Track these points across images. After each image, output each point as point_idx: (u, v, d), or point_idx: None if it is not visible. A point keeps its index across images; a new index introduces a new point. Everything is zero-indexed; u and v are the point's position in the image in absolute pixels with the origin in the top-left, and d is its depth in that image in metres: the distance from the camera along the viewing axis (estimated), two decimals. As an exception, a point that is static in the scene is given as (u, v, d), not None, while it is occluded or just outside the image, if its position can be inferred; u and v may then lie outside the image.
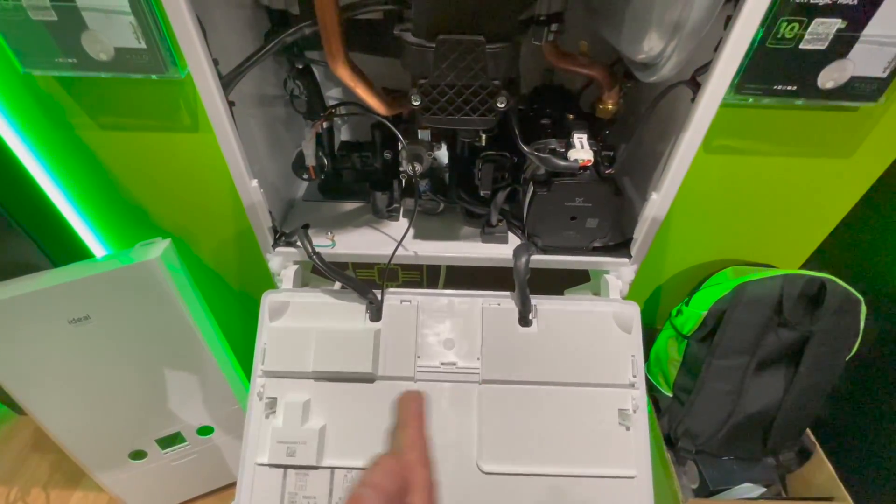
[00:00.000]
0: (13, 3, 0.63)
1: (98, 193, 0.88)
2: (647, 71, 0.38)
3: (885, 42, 0.64)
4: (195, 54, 0.38)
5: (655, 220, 0.49)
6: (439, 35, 0.37)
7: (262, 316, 0.52)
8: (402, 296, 0.53)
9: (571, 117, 0.54)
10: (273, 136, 0.58)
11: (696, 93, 0.40)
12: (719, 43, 0.37)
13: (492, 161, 0.53)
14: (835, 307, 0.81)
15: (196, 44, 0.37)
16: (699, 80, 0.40)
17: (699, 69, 0.40)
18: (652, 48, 0.36)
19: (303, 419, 0.49)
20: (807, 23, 0.63)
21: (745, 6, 0.34)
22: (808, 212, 0.89)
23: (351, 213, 0.62)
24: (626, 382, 0.50)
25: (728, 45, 0.36)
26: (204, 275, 1.02)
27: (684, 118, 0.41)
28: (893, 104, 0.73)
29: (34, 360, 0.89)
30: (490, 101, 0.41)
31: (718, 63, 0.37)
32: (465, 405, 0.50)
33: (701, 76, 0.40)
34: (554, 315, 0.52)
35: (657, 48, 0.36)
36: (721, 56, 0.37)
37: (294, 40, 0.43)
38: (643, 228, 0.50)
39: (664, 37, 0.35)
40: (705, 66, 0.39)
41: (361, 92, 0.43)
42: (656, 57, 0.36)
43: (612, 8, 0.40)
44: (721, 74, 0.37)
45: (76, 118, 0.78)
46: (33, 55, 0.68)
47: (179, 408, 1.05)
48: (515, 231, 0.58)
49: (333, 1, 0.37)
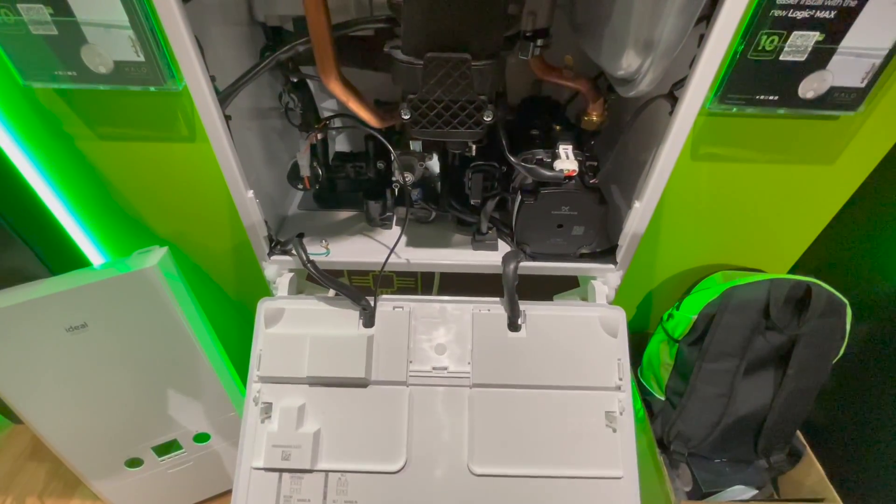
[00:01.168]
0: (14, 19, 0.65)
1: (96, 202, 0.89)
2: (627, 86, 0.40)
3: (862, 54, 0.66)
4: (193, 71, 0.39)
5: (639, 227, 0.51)
6: (427, 53, 0.39)
7: (257, 322, 0.53)
8: (395, 302, 0.55)
9: (558, 128, 0.56)
10: (269, 147, 0.60)
11: (673, 106, 0.42)
12: (694, 59, 0.39)
13: (481, 171, 0.55)
14: (820, 310, 0.82)
15: (193, 61, 0.39)
16: (676, 94, 0.42)
17: (676, 84, 0.42)
18: (630, 65, 0.38)
19: (297, 423, 0.50)
20: (786, 35, 0.65)
21: (716, 26, 0.36)
22: (795, 217, 0.91)
23: (345, 222, 0.64)
24: (612, 385, 0.51)
25: (701, 62, 0.38)
26: (201, 282, 1.03)
27: (664, 130, 0.43)
28: (873, 113, 0.75)
29: (31, 369, 0.90)
30: (477, 115, 0.43)
31: (693, 78, 0.39)
32: (457, 409, 0.51)
33: (678, 90, 0.42)
34: (542, 320, 0.53)
35: (634, 65, 0.38)
36: (696, 72, 0.39)
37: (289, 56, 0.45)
38: (627, 235, 0.51)
39: (640, 55, 0.37)
40: (681, 81, 0.41)
41: (354, 105, 0.45)
42: (634, 73, 0.38)
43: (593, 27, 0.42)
44: (696, 89, 0.39)
45: (75, 129, 0.79)
46: (33, 68, 0.69)
47: (176, 415, 1.06)
48: (505, 238, 0.60)
49: (326, 20, 0.38)
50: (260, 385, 0.52)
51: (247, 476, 0.50)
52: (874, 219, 0.84)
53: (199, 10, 0.41)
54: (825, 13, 0.63)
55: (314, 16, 0.38)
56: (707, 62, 0.38)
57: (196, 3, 0.40)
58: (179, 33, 0.37)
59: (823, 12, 0.63)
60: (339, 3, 0.48)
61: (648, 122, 0.50)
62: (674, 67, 0.42)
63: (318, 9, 0.38)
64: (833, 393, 0.95)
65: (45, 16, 0.64)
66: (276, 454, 0.49)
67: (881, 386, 0.85)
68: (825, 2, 0.62)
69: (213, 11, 0.44)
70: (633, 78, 0.39)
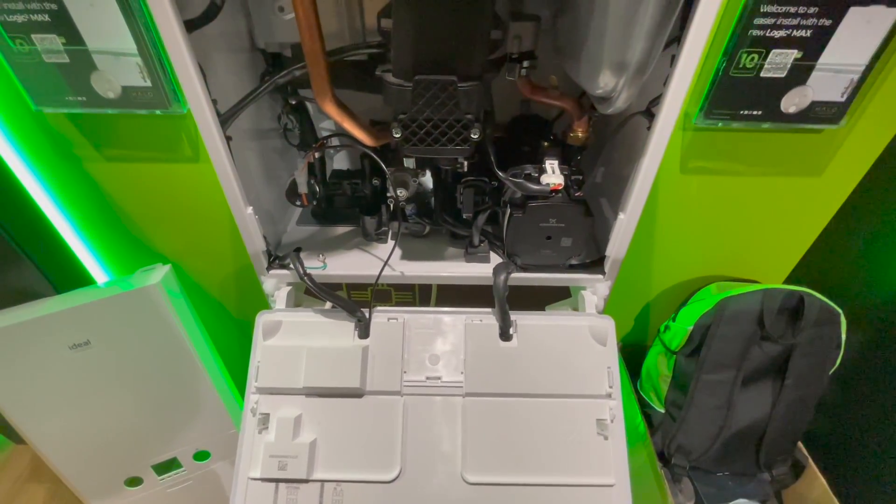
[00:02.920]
0: (29, 48, 0.69)
1: (102, 221, 0.92)
2: (605, 104, 0.43)
3: (841, 70, 0.69)
4: (196, 96, 0.42)
5: (624, 238, 0.53)
6: (416, 76, 0.42)
7: (255, 335, 0.55)
8: (390, 314, 0.56)
9: (546, 144, 0.58)
10: (269, 165, 0.63)
11: (651, 122, 0.44)
12: (667, 78, 0.42)
13: (472, 186, 0.58)
14: (814, 320, 0.83)
15: (196, 87, 0.42)
16: (653, 110, 0.44)
17: (652, 101, 0.44)
18: (606, 84, 0.40)
19: (294, 434, 0.52)
20: (765, 53, 0.68)
21: (685, 47, 0.39)
22: (786, 228, 0.93)
23: (342, 237, 0.66)
24: (603, 393, 0.52)
25: (674, 80, 0.41)
26: (202, 300, 1.06)
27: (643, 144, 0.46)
28: (856, 126, 0.78)
29: (34, 386, 0.91)
30: (464, 133, 0.45)
31: (667, 96, 0.41)
32: (450, 418, 0.53)
33: (654, 107, 0.44)
34: (533, 329, 0.55)
35: (610, 84, 0.40)
36: (669, 89, 0.41)
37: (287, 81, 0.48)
38: (614, 246, 0.53)
39: (615, 75, 0.39)
40: (657, 99, 0.43)
41: (348, 126, 0.48)
42: (611, 92, 0.41)
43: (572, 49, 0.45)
44: (670, 105, 0.42)
45: (83, 151, 0.82)
46: (45, 94, 0.73)
47: (176, 432, 1.07)
48: (497, 251, 0.62)
49: (320, 46, 0.41)
50: (258, 396, 0.53)
51: (244, 486, 0.51)
52: (866, 229, 0.86)
53: (202, 39, 0.44)
54: (801, 32, 0.66)
55: (309, 43, 0.41)
56: (679, 80, 0.40)
57: (200, 32, 0.43)
58: (183, 61, 0.40)
59: (800, 31, 0.66)
60: (334, 31, 0.51)
61: (630, 137, 0.52)
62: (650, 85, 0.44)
63: (313, 36, 0.41)
64: (833, 404, 0.95)
65: (58, 45, 0.68)
66: (273, 464, 0.50)
67: (880, 396, 0.86)
68: (801, 21, 0.65)
69: (217, 39, 0.48)
70: (610, 96, 0.41)
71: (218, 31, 0.47)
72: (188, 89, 0.41)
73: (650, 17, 0.35)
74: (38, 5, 0.64)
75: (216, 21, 0.46)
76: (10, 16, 0.65)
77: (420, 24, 0.39)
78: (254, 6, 0.51)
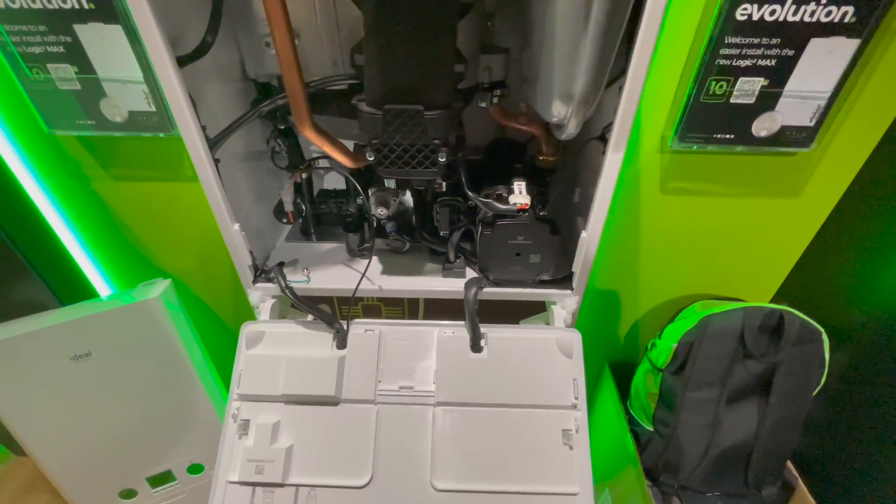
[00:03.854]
0: (44, 76, 0.75)
1: (106, 237, 0.97)
2: (559, 130, 0.47)
3: (807, 96, 0.73)
4: (185, 122, 0.47)
5: (588, 254, 0.56)
6: (386, 105, 0.46)
7: (240, 344, 0.59)
8: (367, 325, 0.60)
9: (519, 166, 0.62)
10: (259, 186, 0.67)
11: (604, 146, 0.48)
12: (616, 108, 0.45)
13: (448, 205, 0.62)
14: (794, 338, 0.85)
15: (186, 115, 0.46)
16: (607, 136, 0.48)
17: (605, 127, 0.48)
18: (558, 113, 0.44)
19: (272, 439, 0.55)
20: (733, 81, 0.72)
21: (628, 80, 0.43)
22: (768, 248, 0.95)
23: (327, 253, 0.70)
24: (568, 404, 0.55)
25: (621, 109, 0.44)
26: (200, 313, 1.10)
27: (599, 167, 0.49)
28: (829, 149, 0.81)
29: (36, 396, 0.95)
30: (433, 156, 0.50)
31: (616, 123, 0.45)
32: (421, 426, 0.55)
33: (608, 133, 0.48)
34: (502, 342, 0.58)
35: (561, 113, 0.44)
36: (617, 118, 0.45)
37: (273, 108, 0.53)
38: (579, 262, 0.56)
39: (564, 105, 0.43)
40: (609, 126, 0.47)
41: (328, 149, 0.52)
42: (562, 119, 0.45)
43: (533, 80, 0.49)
44: (619, 132, 0.45)
45: (91, 170, 0.88)
46: (58, 118, 0.79)
47: (171, 444, 1.09)
48: (472, 266, 0.65)
49: (299, 78, 0.46)
50: (239, 403, 0.57)
51: (222, 490, 0.53)
52: (847, 249, 0.88)
53: (195, 71, 0.49)
54: (766, 61, 0.70)
55: (288, 76, 0.45)
56: (626, 109, 0.44)
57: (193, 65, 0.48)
58: (175, 93, 0.44)
59: (764, 61, 0.70)
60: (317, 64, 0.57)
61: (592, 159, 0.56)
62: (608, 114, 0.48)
63: (292, 68, 0.45)
64: (821, 424, 0.95)
65: (71, 74, 0.74)
66: (251, 468, 0.53)
67: (866, 416, 0.86)
68: (765, 51, 0.69)
69: (209, 71, 0.53)
70: (562, 123, 0.45)
71: (210, 63, 0.52)
72: (179, 117, 0.46)
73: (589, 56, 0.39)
74: (55, 38, 0.71)
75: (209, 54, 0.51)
76: (28, 47, 0.72)
77: (388, 59, 0.43)
78: (244, 41, 0.57)
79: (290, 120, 0.63)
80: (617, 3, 0.37)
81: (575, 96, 0.41)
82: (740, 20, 0.66)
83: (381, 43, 0.42)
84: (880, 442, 0.83)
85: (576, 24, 0.38)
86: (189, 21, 0.49)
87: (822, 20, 0.65)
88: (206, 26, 0.50)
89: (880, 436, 0.83)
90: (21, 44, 0.71)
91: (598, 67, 0.39)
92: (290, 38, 0.43)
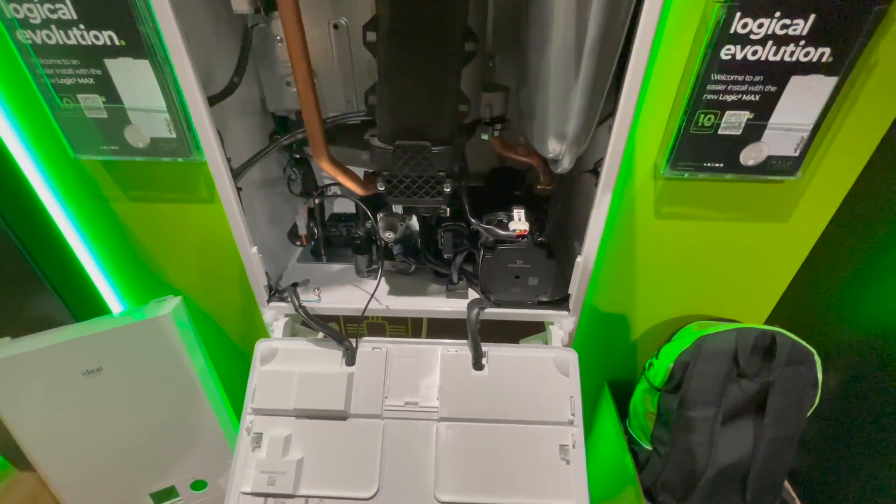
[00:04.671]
0: (73, 105, 0.81)
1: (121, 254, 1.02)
2: (555, 164, 0.51)
3: (791, 128, 0.78)
4: (213, 155, 0.52)
5: (584, 277, 0.60)
6: (396, 141, 0.51)
7: (254, 360, 0.62)
8: (374, 343, 0.64)
9: (518, 193, 0.67)
10: (274, 210, 0.72)
11: (597, 179, 0.53)
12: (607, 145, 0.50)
13: (452, 230, 0.66)
14: (786, 359, 0.88)
15: (215, 148, 0.51)
16: (599, 170, 0.53)
17: (598, 162, 0.53)
18: (553, 149, 0.49)
19: (284, 452, 0.58)
20: (720, 114, 0.77)
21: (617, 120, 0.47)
22: (759, 271, 0.99)
23: (337, 273, 0.74)
24: (565, 420, 0.58)
25: (611, 146, 0.49)
26: (209, 329, 1.14)
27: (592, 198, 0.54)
28: (815, 177, 0.85)
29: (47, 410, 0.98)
30: (438, 187, 0.54)
31: (607, 159, 0.50)
32: (425, 440, 0.58)
33: (600, 167, 0.53)
34: (503, 360, 0.61)
35: (557, 150, 0.49)
36: (608, 154, 0.50)
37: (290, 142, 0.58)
38: (575, 285, 0.61)
39: (559, 142, 0.48)
40: (601, 161, 0.52)
41: (341, 179, 0.57)
42: (557, 155, 0.49)
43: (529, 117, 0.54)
44: (609, 167, 0.50)
45: (110, 191, 0.93)
46: (84, 144, 0.84)
47: (176, 460, 1.11)
48: (474, 288, 0.69)
49: (318, 117, 0.51)
50: (253, 417, 0.60)
51: (236, 501, 0.56)
52: (836, 272, 0.92)
53: (222, 108, 0.54)
54: (751, 97, 0.75)
55: (309, 114, 0.50)
56: (615, 146, 0.49)
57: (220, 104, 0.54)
58: (205, 129, 0.49)
59: (749, 96, 0.75)
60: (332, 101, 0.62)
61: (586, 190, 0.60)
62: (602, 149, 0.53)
63: (312, 109, 0.50)
64: (816, 444, 0.97)
65: (99, 103, 0.80)
66: (263, 479, 0.56)
67: (860, 436, 0.89)
68: (749, 87, 0.75)
69: (234, 107, 0.58)
70: (557, 159, 0.50)
71: (236, 100, 0.57)
72: (208, 150, 0.51)
73: (580, 101, 0.44)
74: (86, 71, 0.77)
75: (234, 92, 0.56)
76: (61, 79, 0.77)
77: (398, 101, 0.48)
78: (266, 80, 0.62)
79: (304, 150, 0.68)
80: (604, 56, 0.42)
81: (569, 135, 0.46)
82: (725, 59, 0.71)
83: (393, 87, 0.47)
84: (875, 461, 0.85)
85: (567, 73, 0.43)
86: (218, 63, 0.55)
87: (801, 60, 0.71)
88: (233, 68, 0.55)
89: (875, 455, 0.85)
90: (54, 76, 0.77)
91: (589, 110, 0.44)
92: (311, 83, 0.48)
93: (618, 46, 0.41)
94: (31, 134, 0.86)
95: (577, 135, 0.46)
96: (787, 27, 0.68)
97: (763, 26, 0.68)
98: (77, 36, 0.73)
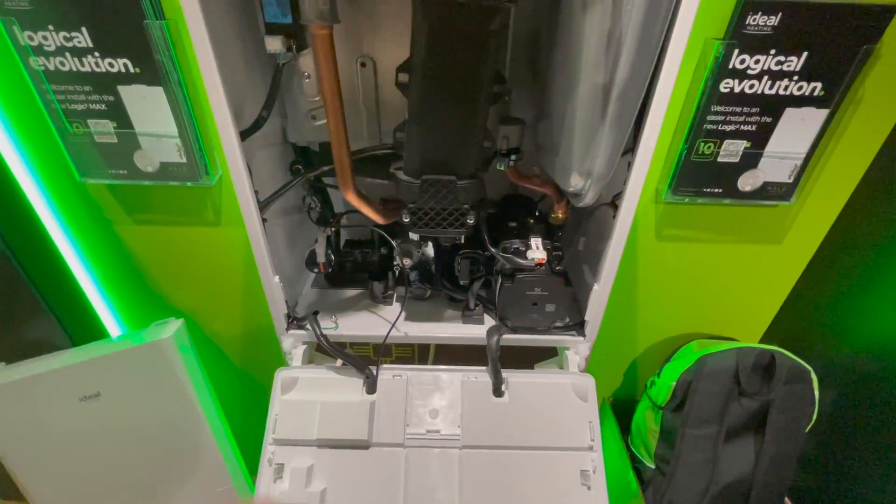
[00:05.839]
0: (83, 130, 0.81)
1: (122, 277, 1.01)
2: (576, 198, 0.54)
3: (785, 156, 0.82)
4: (243, 188, 0.53)
5: (600, 304, 0.62)
6: (423, 175, 0.53)
7: (274, 390, 0.63)
8: (395, 371, 0.64)
9: (532, 221, 0.69)
10: (290, 237, 0.73)
11: (615, 211, 0.55)
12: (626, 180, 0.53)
13: (468, 258, 0.68)
14: (785, 377, 0.92)
15: (245, 182, 0.52)
16: (617, 202, 0.55)
17: (616, 195, 0.55)
18: (576, 185, 0.51)
19: (306, 483, 0.58)
20: (720, 143, 0.81)
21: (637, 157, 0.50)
22: (755, 290, 1.03)
23: (352, 299, 0.75)
24: (585, 446, 0.60)
25: (630, 181, 0.52)
26: (210, 353, 1.12)
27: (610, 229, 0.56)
28: (807, 202, 0.90)
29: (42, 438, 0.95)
30: (462, 219, 0.56)
31: (626, 192, 0.53)
32: (448, 468, 0.59)
33: (618, 200, 0.55)
34: (523, 387, 0.63)
35: (580, 185, 0.51)
36: (627, 188, 0.52)
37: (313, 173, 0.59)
38: (591, 312, 0.63)
39: (583, 178, 0.50)
40: (619, 194, 0.54)
41: (365, 210, 0.59)
42: (580, 190, 0.52)
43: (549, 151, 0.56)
44: (629, 199, 0.53)
45: (115, 215, 0.93)
46: (91, 168, 0.84)
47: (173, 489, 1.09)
48: (490, 314, 0.71)
49: (347, 154, 0.53)
50: (274, 447, 0.60)
51: (259, 533, 0.56)
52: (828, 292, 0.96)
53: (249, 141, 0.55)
54: (748, 127, 0.80)
55: (339, 148, 0.52)
56: (635, 181, 0.51)
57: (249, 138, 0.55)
58: (236, 162, 0.51)
59: (746, 126, 0.80)
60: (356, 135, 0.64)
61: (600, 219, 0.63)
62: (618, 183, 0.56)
63: (342, 144, 0.52)
64: (815, 460, 1.01)
65: (110, 128, 0.80)
66: (287, 511, 0.56)
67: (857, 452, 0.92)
68: (746, 118, 0.79)
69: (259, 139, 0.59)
70: (579, 193, 0.52)
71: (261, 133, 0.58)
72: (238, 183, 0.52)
73: (606, 141, 0.46)
74: (98, 97, 0.77)
75: (260, 126, 0.57)
76: (72, 104, 0.78)
77: (428, 138, 0.50)
78: (290, 112, 0.64)
79: (323, 181, 0.70)
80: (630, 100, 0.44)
81: (594, 173, 0.48)
82: (724, 92, 0.75)
83: (424, 126, 0.49)
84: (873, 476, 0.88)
85: (594, 115, 0.46)
86: (247, 98, 0.56)
87: (794, 93, 0.75)
88: (261, 102, 0.57)
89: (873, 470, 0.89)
90: (65, 101, 0.77)
91: (613, 150, 0.47)
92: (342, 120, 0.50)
93: (642, 91, 0.44)
94: (36, 157, 0.86)
95: (602, 172, 0.48)
96: (781, 63, 0.73)
97: (759, 62, 0.73)
98: (91, 63, 0.73)
